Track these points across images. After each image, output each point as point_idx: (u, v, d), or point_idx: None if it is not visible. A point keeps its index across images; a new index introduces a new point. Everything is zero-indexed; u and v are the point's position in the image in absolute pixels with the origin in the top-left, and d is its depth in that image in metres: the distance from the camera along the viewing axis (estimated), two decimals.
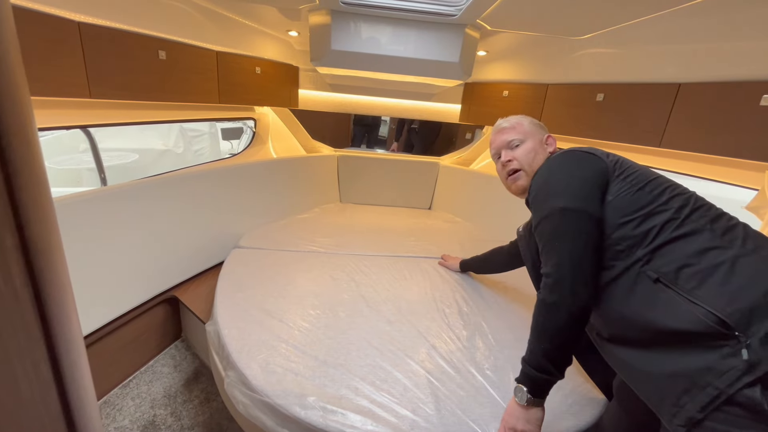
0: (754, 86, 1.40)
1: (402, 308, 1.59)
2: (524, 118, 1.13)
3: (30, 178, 0.23)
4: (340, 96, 2.90)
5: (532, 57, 2.32)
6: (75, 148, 3.63)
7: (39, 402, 0.29)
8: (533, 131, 1.10)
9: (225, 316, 1.44)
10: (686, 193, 0.83)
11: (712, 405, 0.66)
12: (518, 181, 1.09)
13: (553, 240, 0.85)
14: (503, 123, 1.15)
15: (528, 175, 1.06)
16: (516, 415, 0.87)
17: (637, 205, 0.82)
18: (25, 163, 0.23)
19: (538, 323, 0.87)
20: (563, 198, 0.86)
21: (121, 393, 1.64)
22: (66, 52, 1.35)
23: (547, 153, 1.07)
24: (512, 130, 1.11)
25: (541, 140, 1.09)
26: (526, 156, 1.06)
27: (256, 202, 2.40)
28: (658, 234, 0.78)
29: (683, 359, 0.71)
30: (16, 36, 0.21)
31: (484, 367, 1.28)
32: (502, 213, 2.64)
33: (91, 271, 1.52)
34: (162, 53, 1.67)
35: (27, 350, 0.24)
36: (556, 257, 0.84)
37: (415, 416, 1.07)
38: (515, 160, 1.08)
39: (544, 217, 0.88)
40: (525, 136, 1.09)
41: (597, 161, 0.90)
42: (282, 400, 1.08)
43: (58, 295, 0.27)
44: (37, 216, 0.24)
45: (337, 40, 1.97)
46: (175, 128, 4.30)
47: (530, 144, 1.07)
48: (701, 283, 0.72)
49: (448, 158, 3.28)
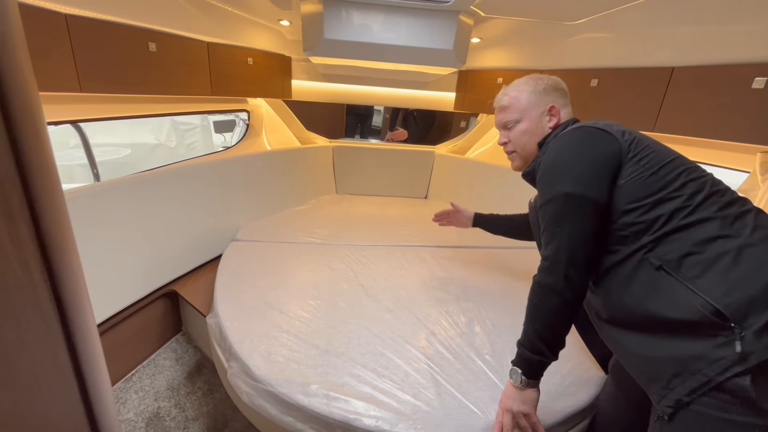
0: (745, 69, 1.41)
1: (401, 296, 1.60)
2: (524, 89, 1.05)
3: (41, 170, 0.24)
4: (333, 86, 2.87)
5: (526, 43, 2.31)
6: (65, 143, 3.57)
7: (57, 390, 0.30)
8: (531, 106, 1.03)
9: (226, 308, 1.45)
10: (702, 177, 0.80)
11: (701, 390, 0.68)
12: (514, 161, 1.11)
13: (554, 224, 0.84)
14: (502, 99, 1.09)
15: (521, 156, 1.07)
16: (512, 396, 0.89)
17: (647, 190, 0.79)
18: (37, 155, 0.23)
19: (532, 305, 0.88)
20: (569, 183, 0.83)
21: (125, 387, 1.65)
22: (54, 45, 1.32)
23: (546, 128, 1.02)
24: (508, 109, 1.06)
25: (541, 114, 1.03)
26: (519, 139, 1.05)
27: (252, 195, 2.39)
28: (666, 222, 0.76)
29: (677, 345, 0.72)
30: (23, 33, 0.21)
31: (483, 351, 1.30)
32: (498, 200, 2.65)
33: (89, 268, 1.51)
34: (152, 45, 1.64)
35: (45, 339, 0.25)
36: (555, 242, 0.83)
37: (416, 401, 1.09)
38: (510, 143, 1.08)
39: (548, 200, 0.87)
40: (521, 114, 1.04)
41: (611, 142, 0.85)
42: (285, 388, 1.10)
43: (72, 283, 0.28)
44: (49, 207, 0.24)
45: (329, 29, 1.95)
46: (167, 122, 4.25)
47: (524, 125, 1.04)
48: (703, 272, 0.71)
49: (444, 147, 3.28)
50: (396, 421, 1.02)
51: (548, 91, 1.03)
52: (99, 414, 0.31)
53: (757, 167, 1.49)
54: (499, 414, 0.93)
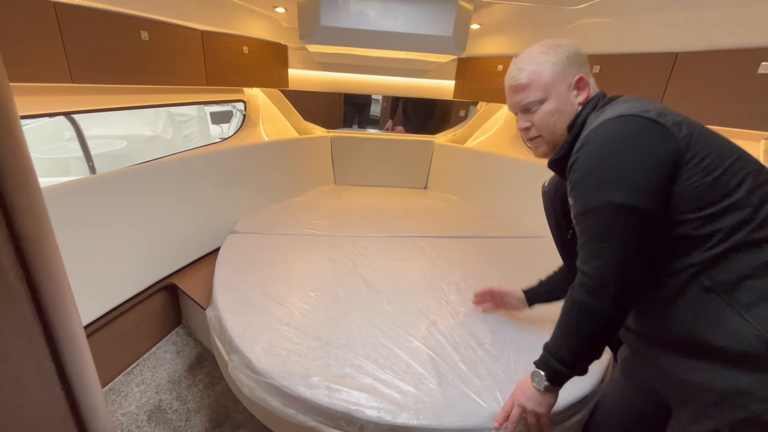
0: (751, 53, 1.38)
1: (401, 287, 1.60)
2: (544, 61, 0.85)
3: (15, 165, 0.22)
4: (331, 75, 2.83)
5: (526, 29, 2.27)
6: (60, 136, 3.53)
7: (43, 394, 0.28)
8: (556, 80, 0.84)
9: (225, 301, 1.44)
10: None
11: (743, 424, 0.63)
12: (539, 148, 0.91)
13: (599, 239, 0.72)
14: (519, 76, 0.87)
15: (547, 142, 0.89)
16: (528, 394, 0.85)
17: (706, 200, 0.67)
18: (9, 149, 0.22)
19: (570, 324, 0.78)
20: (619, 190, 0.69)
21: (126, 380, 1.65)
22: (43, 35, 1.29)
23: (576, 105, 0.85)
24: (528, 88, 0.86)
25: (568, 87, 0.85)
26: (546, 122, 0.86)
27: (250, 187, 2.37)
28: (724, 238, 0.66)
29: (722, 374, 0.66)
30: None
31: (483, 341, 1.30)
32: (498, 190, 2.64)
33: (86, 261, 1.51)
34: (144, 34, 1.60)
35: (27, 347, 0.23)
36: (600, 258, 0.72)
37: (418, 391, 1.09)
38: (533, 127, 0.88)
39: (592, 208, 0.72)
40: (545, 92, 0.85)
41: (667, 139, 0.69)
42: (287, 381, 1.10)
43: (53, 284, 0.26)
44: (25, 205, 0.22)
45: (326, 16, 1.91)
46: (163, 113, 4.19)
47: (551, 105, 0.85)
48: (761, 299, 0.64)
49: (443, 136, 3.24)
50: (398, 412, 1.02)
51: (572, 61, 0.85)
52: (87, 416, 0.29)
53: (761, 153, 1.47)
54: (509, 405, 0.90)
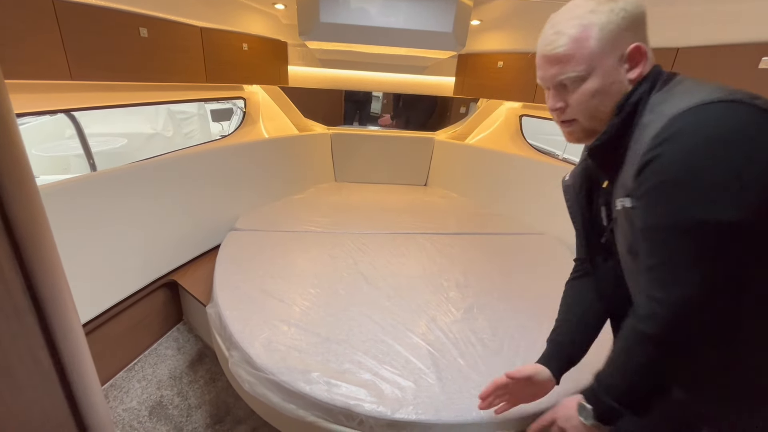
0: (752, 49, 1.38)
1: (401, 284, 1.60)
2: (592, 25, 0.63)
3: (11, 163, 0.22)
4: (330, 71, 2.82)
5: (527, 25, 2.26)
6: (61, 134, 3.53)
7: (39, 388, 0.29)
8: (604, 51, 0.63)
9: (225, 298, 1.45)
10: None
11: None
12: (573, 134, 0.73)
13: (690, 263, 0.56)
14: (556, 43, 0.66)
15: (586, 128, 0.70)
16: (573, 423, 0.73)
17: None
18: (4, 145, 0.22)
19: (632, 361, 0.65)
20: (731, 208, 0.53)
21: (127, 376, 1.66)
22: (42, 32, 1.29)
23: (626, 83, 0.65)
24: (566, 61, 0.65)
25: (619, 60, 0.64)
26: (586, 104, 0.66)
27: (250, 184, 2.37)
28: None
29: None
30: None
31: (483, 337, 1.31)
32: (499, 187, 2.63)
33: (88, 258, 1.51)
34: (143, 30, 1.60)
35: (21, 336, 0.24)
36: (688, 288, 0.57)
37: (417, 386, 1.09)
38: (568, 108, 0.69)
39: (684, 225, 0.56)
40: (588, 67, 0.64)
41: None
42: (286, 376, 1.10)
43: (50, 281, 0.27)
44: (21, 202, 0.23)
45: (325, 12, 1.90)
46: (163, 111, 4.19)
47: (595, 83, 0.64)
48: None
49: (443, 133, 3.24)
50: (397, 407, 1.02)
51: (629, 23, 0.63)
52: (87, 414, 0.30)
53: None
54: (548, 418, 0.79)
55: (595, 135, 0.69)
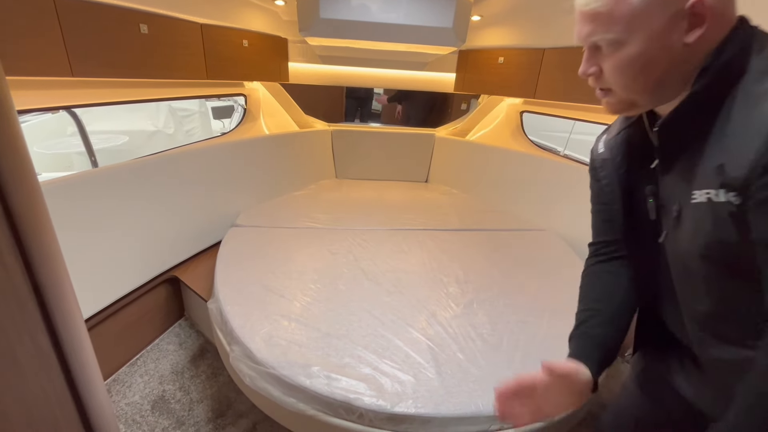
0: None
1: (401, 279, 1.61)
2: None
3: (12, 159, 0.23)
4: (331, 68, 2.82)
5: (528, 20, 2.25)
6: (62, 131, 3.54)
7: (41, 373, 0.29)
8: (650, 9, 0.50)
9: (226, 293, 1.46)
10: None
11: None
12: (610, 106, 0.61)
13: None
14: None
15: (624, 100, 0.58)
16: None
17: None
18: (6, 143, 0.22)
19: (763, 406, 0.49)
20: None
21: (129, 371, 1.68)
22: (43, 28, 1.29)
23: (679, 49, 0.51)
24: (602, 20, 0.54)
25: (671, 20, 0.50)
26: (622, 73, 0.55)
27: (251, 180, 2.38)
28: None
29: None
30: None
31: (482, 332, 1.31)
32: (500, 183, 2.63)
33: (90, 254, 1.52)
34: (143, 27, 1.60)
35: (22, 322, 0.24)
36: None
37: (416, 380, 1.10)
38: (602, 75, 0.58)
39: None
40: (628, 28, 0.52)
41: None
42: (287, 370, 1.11)
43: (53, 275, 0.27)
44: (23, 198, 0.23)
45: (325, 8, 1.90)
46: (165, 108, 4.19)
47: (635, 48, 0.52)
48: None
49: (444, 129, 3.23)
50: (397, 400, 1.03)
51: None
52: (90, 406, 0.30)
53: None
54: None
55: (639, 107, 0.59)
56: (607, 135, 0.72)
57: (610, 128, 0.73)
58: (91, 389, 0.35)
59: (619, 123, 0.70)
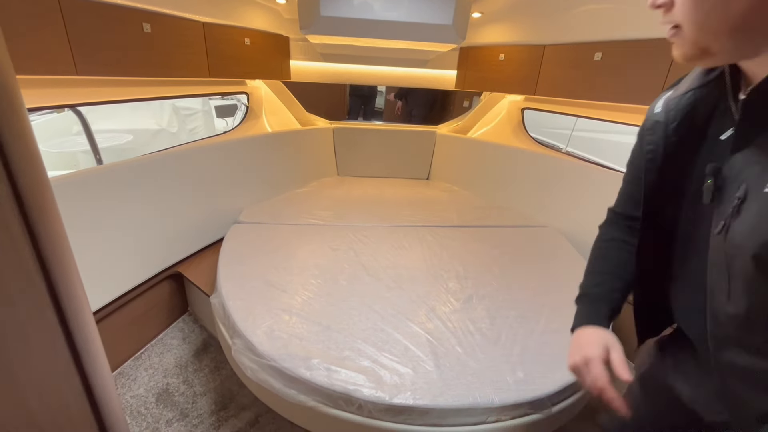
0: None
1: (401, 275, 1.62)
2: None
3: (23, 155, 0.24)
4: (332, 66, 2.83)
5: (527, 17, 2.25)
6: (68, 130, 3.58)
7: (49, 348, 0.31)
8: None
9: (228, 287, 1.48)
10: None
11: None
12: (678, 49, 0.49)
13: None
14: None
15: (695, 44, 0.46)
16: None
17: None
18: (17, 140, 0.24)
19: None
20: None
21: (134, 365, 1.71)
22: (48, 27, 1.31)
23: None
24: None
25: None
26: (694, 6, 0.44)
27: (253, 178, 2.40)
28: None
29: None
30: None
31: (481, 326, 1.33)
32: (501, 180, 2.64)
33: (95, 250, 1.54)
34: (146, 26, 1.62)
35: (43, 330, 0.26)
36: None
37: (415, 373, 1.11)
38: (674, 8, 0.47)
39: None
40: None
41: None
42: (288, 363, 1.13)
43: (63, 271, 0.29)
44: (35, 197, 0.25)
45: (326, 6, 1.91)
46: (168, 107, 4.23)
47: None
48: None
49: (445, 127, 3.24)
50: (395, 392, 1.05)
51: None
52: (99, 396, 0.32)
53: None
54: None
55: (714, 57, 0.46)
56: (672, 93, 0.59)
57: (679, 85, 0.60)
58: (96, 369, 0.37)
59: (690, 80, 0.57)
